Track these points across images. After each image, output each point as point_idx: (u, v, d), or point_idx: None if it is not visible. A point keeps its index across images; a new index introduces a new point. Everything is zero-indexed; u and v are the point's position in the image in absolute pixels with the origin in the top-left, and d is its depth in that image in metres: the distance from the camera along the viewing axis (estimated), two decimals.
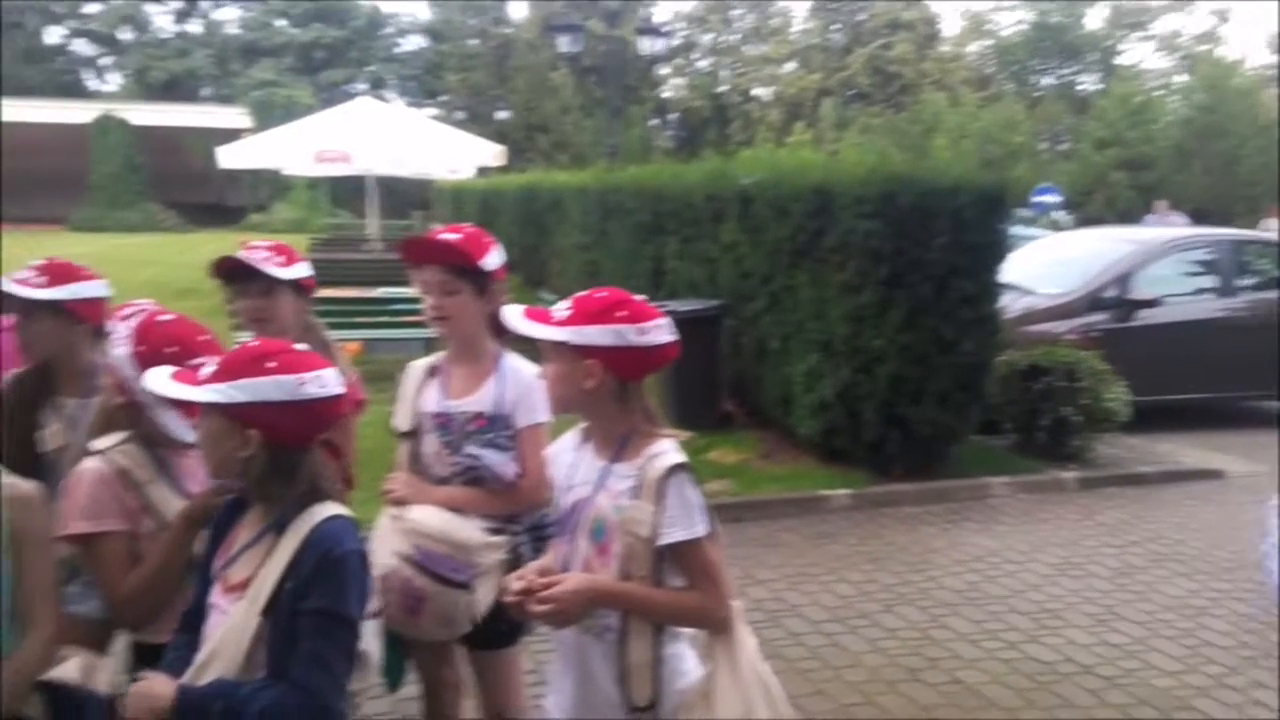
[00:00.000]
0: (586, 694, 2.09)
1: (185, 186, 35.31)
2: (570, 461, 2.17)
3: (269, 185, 32.10)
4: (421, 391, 2.76)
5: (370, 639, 2.28)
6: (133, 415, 2.28)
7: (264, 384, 1.87)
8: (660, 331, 2.04)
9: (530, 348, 2.21)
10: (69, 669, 2.15)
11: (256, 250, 2.76)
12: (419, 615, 2.54)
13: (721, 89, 45.27)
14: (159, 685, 1.85)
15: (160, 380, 1.95)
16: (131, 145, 32.90)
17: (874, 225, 6.43)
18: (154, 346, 2.25)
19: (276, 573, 1.89)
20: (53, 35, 46.77)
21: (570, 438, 2.22)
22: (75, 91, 44.45)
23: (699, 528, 1.98)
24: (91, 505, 2.20)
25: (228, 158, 17.13)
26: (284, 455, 1.91)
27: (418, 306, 10.00)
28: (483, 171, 20.07)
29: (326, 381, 1.93)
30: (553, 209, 14.90)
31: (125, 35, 46.64)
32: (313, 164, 17.15)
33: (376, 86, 42.61)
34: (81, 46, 48.12)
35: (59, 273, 2.66)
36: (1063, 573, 5.37)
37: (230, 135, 23.81)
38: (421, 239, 2.79)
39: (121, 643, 2.35)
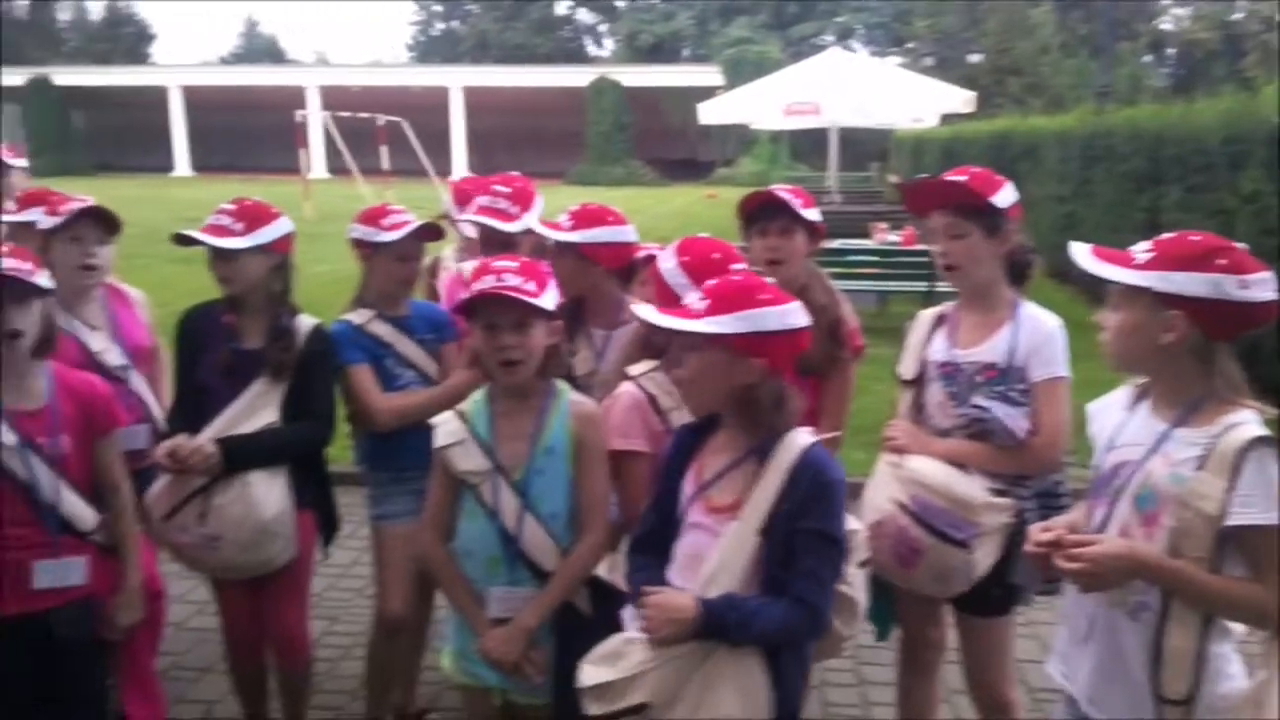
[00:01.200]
0: (1109, 673, 1.92)
1: (662, 143, 38.06)
2: (1118, 420, 1.98)
3: (735, 140, 33.51)
4: (929, 339, 2.69)
5: (859, 588, 2.29)
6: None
7: (764, 314, 1.97)
8: (1264, 287, 1.78)
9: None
10: (600, 566, 2.42)
11: (779, 190, 2.83)
12: (912, 567, 2.49)
13: (1236, 17, 39.12)
14: (681, 598, 1.97)
15: (650, 313, 2.08)
16: (621, 106, 36.02)
17: None
18: (698, 255, 2.42)
19: (770, 495, 1.98)
20: (560, 7, 52.49)
21: (1121, 394, 2.03)
22: (577, 58, 49.69)
23: (1277, 513, 1.72)
24: (623, 426, 2.42)
25: (706, 114, 18.09)
26: (776, 384, 2.01)
27: (873, 259, 9.82)
28: (946, 119, 19.24)
29: (802, 315, 2.02)
30: (1026, 157, 13.93)
31: (620, 2, 51.03)
32: (782, 118, 17.54)
33: (844, 37, 42.61)
34: (584, 15, 53.55)
35: (584, 218, 2.88)
36: None
37: (704, 93, 25.12)
38: (925, 182, 2.71)
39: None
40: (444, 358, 3.16)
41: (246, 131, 38.63)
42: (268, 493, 2.81)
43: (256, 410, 2.84)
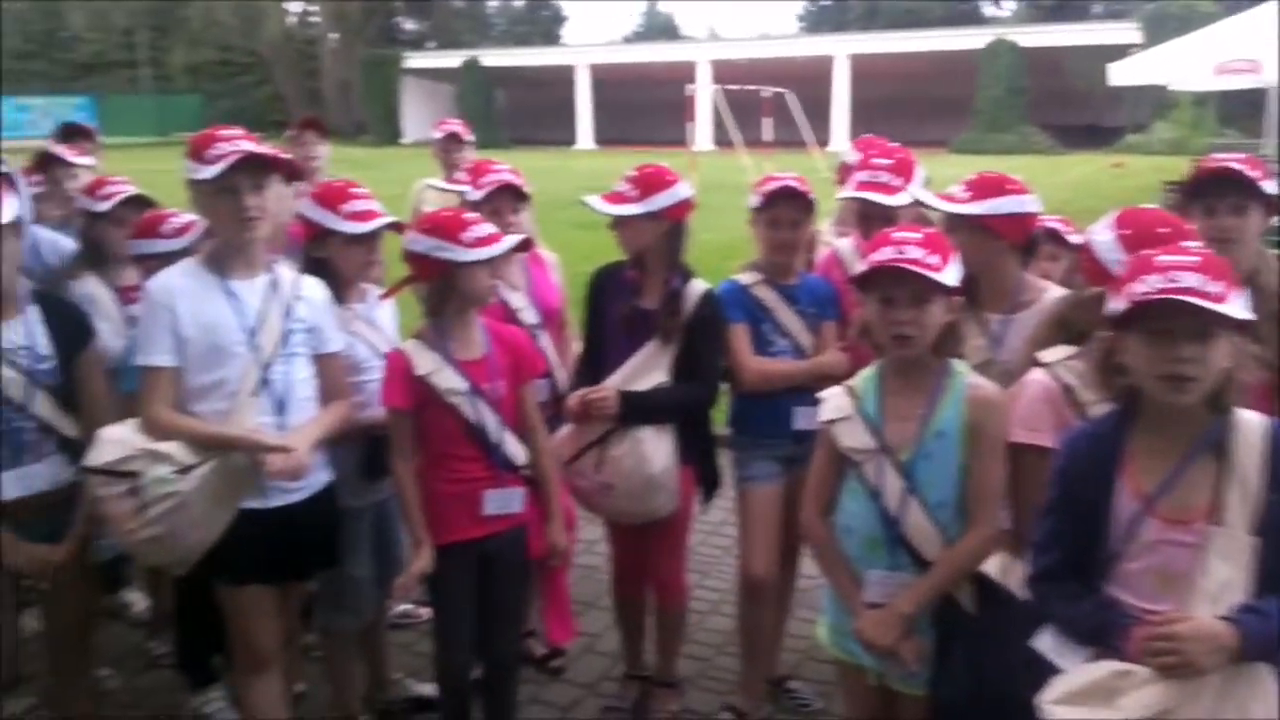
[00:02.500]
0: None
1: (1062, 108, 35.15)
2: None
3: (1149, 103, 30.12)
4: None
5: None
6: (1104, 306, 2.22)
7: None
8: None
9: None
10: (989, 564, 2.29)
11: (1233, 161, 2.50)
12: None
13: None
14: (1214, 625, 1.75)
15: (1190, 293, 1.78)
16: (1017, 68, 33.71)
17: None
18: (1143, 229, 2.17)
19: (1253, 489, 1.79)
20: None
21: None
22: (972, 20, 47.20)
23: None
24: (1030, 417, 2.24)
25: (1118, 75, 16.48)
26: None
27: None
28: None
29: None
30: None
31: None
32: (1211, 77, 15.52)
33: None
34: None
35: (983, 187, 2.67)
36: None
37: (1117, 52, 22.80)
38: None
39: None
40: (822, 334, 3.15)
41: (642, 106, 40.83)
42: (656, 448, 2.98)
43: (649, 369, 3.02)
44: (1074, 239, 3.37)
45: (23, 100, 40.93)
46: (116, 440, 2.49)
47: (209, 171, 2.48)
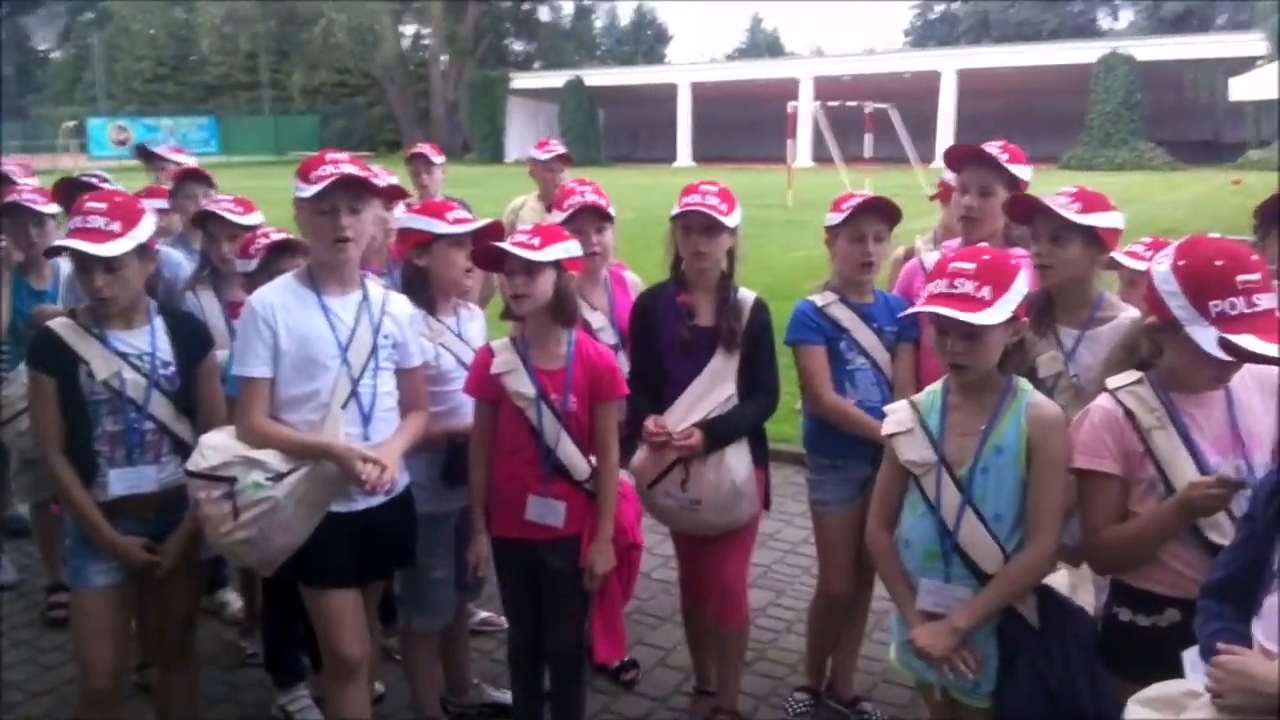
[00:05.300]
0: None
1: (1179, 122, 33.92)
2: None
3: (1276, 118, 28.80)
4: None
5: None
6: (1162, 335, 2.19)
7: None
8: None
9: None
10: (1058, 579, 2.32)
11: None
12: None
13: None
14: (1262, 667, 1.63)
15: None
16: (1133, 82, 32.65)
17: None
18: (1198, 261, 2.10)
19: None
20: None
21: None
22: (1086, 32, 45.94)
23: None
24: (1090, 443, 2.24)
25: (1240, 89, 15.87)
26: None
27: None
28: None
29: None
30: None
31: None
32: None
33: None
34: None
35: (1092, 201, 2.70)
36: None
37: (1241, 65, 21.91)
38: None
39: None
40: (898, 354, 3.14)
41: (742, 123, 40.88)
42: (737, 458, 3.06)
43: (716, 384, 3.07)
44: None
45: (151, 121, 43.47)
46: (217, 446, 2.64)
47: (310, 191, 2.62)
